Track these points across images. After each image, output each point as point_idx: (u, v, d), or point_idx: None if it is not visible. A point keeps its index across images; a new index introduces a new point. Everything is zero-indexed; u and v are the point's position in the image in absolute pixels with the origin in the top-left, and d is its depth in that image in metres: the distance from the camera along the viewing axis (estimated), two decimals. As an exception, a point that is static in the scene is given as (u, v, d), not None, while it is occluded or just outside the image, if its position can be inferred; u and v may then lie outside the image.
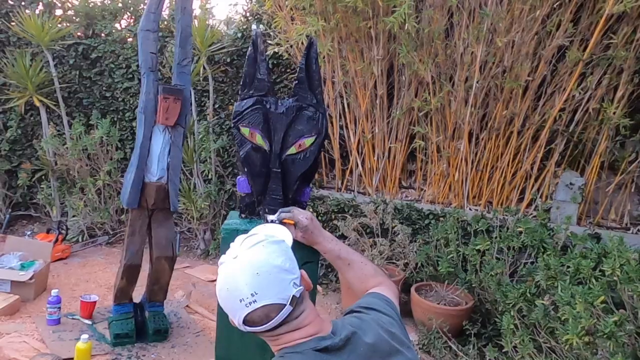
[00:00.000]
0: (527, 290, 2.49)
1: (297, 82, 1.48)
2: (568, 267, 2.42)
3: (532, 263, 3.16)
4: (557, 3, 3.39)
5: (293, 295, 0.94)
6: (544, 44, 3.54)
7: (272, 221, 1.37)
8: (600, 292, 2.08)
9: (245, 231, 1.47)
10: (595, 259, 2.40)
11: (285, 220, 1.36)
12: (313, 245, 1.38)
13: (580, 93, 3.50)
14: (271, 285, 0.93)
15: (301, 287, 0.96)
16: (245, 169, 1.52)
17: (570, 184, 3.52)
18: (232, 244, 1.01)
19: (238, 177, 1.63)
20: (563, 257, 2.61)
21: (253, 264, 0.93)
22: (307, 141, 1.47)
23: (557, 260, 2.48)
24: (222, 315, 1.59)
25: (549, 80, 3.66)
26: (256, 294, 0.92)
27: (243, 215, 1.62)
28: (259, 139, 1.47)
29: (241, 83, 1.49)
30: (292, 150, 1.48)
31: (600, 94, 3.51)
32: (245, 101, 1.46)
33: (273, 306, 0.93)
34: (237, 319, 0.96)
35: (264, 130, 1.47)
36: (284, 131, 1.47)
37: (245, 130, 1.47)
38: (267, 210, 1.52)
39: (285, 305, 0.93)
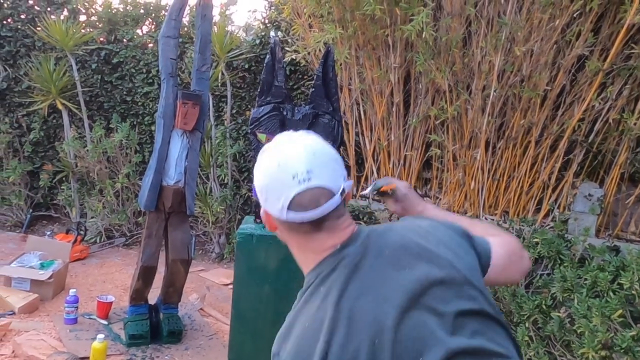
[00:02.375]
0: (543, 302, 2.46)
1: (313, 89, 1.50)
2: (585, 279, 2.39)
3: (548, 275, 3.12)
4: (577, 12, 3.36)
5: (343, 188, 0.87)
6: (564, 54, 3.51)
7: (365, 195, 1.27)
8: (618, 306, 2.04)
9: (261, 236, 1.48)
10: (613, 272, 2.36)
11: (383, 189, 1.23)
12: (413, 215, 1.26)
13: (600, 103, 3.45)
14: (326, 168, 0.86)
15: (349, 183, 0.89)
16: (261, 175, 1.54)
17: (589, 195, 3.47)
18: (277, 136, 0.94)
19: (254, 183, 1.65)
20: (580, 269, 2.57)
21: (309, 145, 0.87)
22: (323, 148, 1.49)
23: (574, 272, 2.44)
24: (235, 320, 1.61)
25: (568, 89, 3.62)
26: (312, 171, 0.84)
27: (258, 221, 1.65)
28: (275, 145, 1.49)
29: (259, 90, 1.51)
30: (308, 157, 1.50)
31: (621, 105, 3.46)
32: (262, 108, 1.49)
33: (325, 191, 0.85)
34: (282, 200, 0.84)
35: (281, 136, 1.49)
36: (300, 138, 1.49)
37: (262, 136, 1.49)
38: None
39: (335, 194, 0.86)
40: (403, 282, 0.82)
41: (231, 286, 3.89)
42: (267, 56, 1.48)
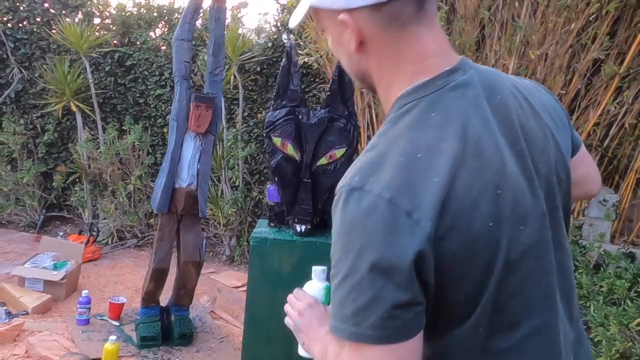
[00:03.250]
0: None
1: (329, 93, 1.49)
2: (601, 286, 2.35)
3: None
4: (593, 16, 3.33)
5: None
6: (579, 57, 3.47)
7: None
8: (636, 314, 2.01)
9: (275, 240, 1.47)
10: (630, 279, 2.33)
11: None
12: None
13: (615, 107, 3.41)
14: None
15: None
16: (276, 179, 1.53)
17: (604, 200, 3.42)
18: None
19: (268, 186, 1.65)
20: (596, 276, 2.54)
21: None
22: (338, 152, 1.48)
23: (589, 279, 2.41)
24: (249, 325, 1.61)
25: (583, 94, 3.58)
26: None
27: (272, 224, 1.64)
28: (290, 149, 1.48)
29: (274, 93, 1.51)
30: (323, 161, 1.49)
31: (637, 109, 3.41)
32: (277, 111, 1.48)
33: None
34: None
35: (296, 140, 1.48)
36: (315, 142, 1.48)
37: (277, 140, 1.49)
38: (296, 220, 1.53)
39: None
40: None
41: (242, 289, 3.90)
42: (283, 59, 1.48)
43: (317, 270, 0.96)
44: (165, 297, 3.05)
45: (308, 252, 1.51)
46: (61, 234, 4.41)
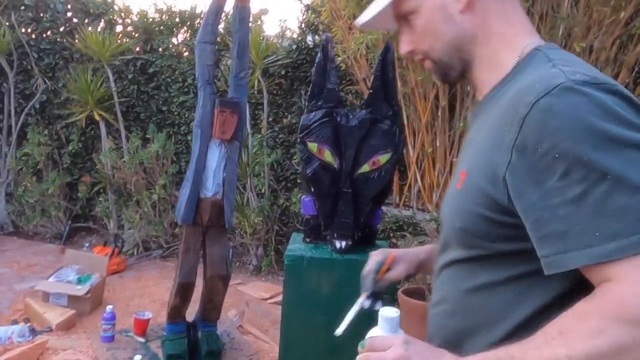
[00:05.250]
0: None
1: (371, 91, 1.32)
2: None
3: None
4: (645, 3, 3.07)
5: None
6: (626, 50, 3.22)
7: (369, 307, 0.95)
8: None
9: (312, 259, 1.30)
10: None
11: (385, 267, 0.97)
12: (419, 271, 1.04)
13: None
14: None
15: None
16: (312, 189, 1.36)
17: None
18: None
19: (302, 197, 1.48)
20: None
21: None
22: (383, 158, 1.31)
23: None
24: (284, 350, 1.44)
25: (632, 88, 3.33)
26: None
27: (308, 240, 1.47)
28: (328, 156, 1.31)
29: (309, 94, 1.34)
30: (365, 168, 1.31)
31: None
32: (313, 114, 1.31)
33: None
34: None
35: (334, 145, 1.31)
36: (356, 147, 1.31)
37: (312, 146, 1.32)
38: (335, 235, 1.36)
39: None
40: None
41: (270, 300, 3.74)
42: (319, 55, 1.31)
43: (388, 316, 0.71)
44: (192, 311, 2.91)
45: (349, 272, 1.34)
46: (87, 245, 4.35)
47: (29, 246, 4.54)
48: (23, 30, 4.82)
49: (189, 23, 4.96)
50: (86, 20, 4.86)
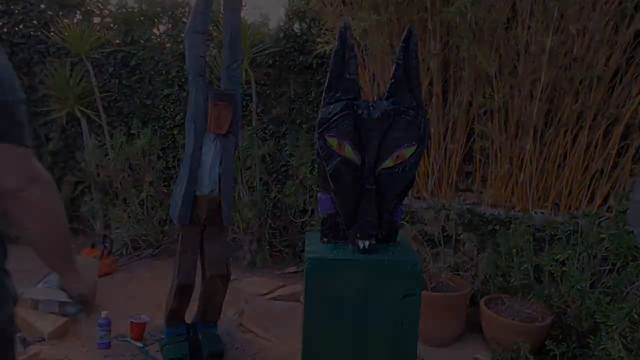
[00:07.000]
0: (634, 310, 2.17)
1: (393, 80, 1.23)
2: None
3: (617, 273, 2.84)
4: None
5: None
6: (617, 29, 3.20)
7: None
8: None
9: (335, 261, 1.23)
10: None
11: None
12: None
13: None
14: None
15: None
16: (333, 187, 1.28)
17: (656, 183, 3.16)
18: None
19: (319, 195, 1.39)
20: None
21: None
22: (407, 151, 1.22)
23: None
24: (307, 352, 1.36)
25: (624, 69, 3.31)
26: None
27: (325, 240, 1.38)
28: (349, 151, 1.23)
29: (326, 84, 1.25)
30: (389, 162, 1.23)
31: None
32: (332, 106, 1.22)
33: None
34: None
35: (355, 140, 1.23)
36: (379, 140, 1.22)
37: (332, 141, 1.23)
38: (358, 235, 1.28)
39: None
40: None
41: (268, 296, 3.66)
42: (336, 43, 1.22)
43: None
44: (191, 311, 2.82)
45: (375, 273, 1.26)
46: (73, 247, 4.18)
47: (13, 252, 4.35)
48: (-7, 24, 4.59)
49: (170, 12, 4.78)
50: (61, 12, 4.64)
